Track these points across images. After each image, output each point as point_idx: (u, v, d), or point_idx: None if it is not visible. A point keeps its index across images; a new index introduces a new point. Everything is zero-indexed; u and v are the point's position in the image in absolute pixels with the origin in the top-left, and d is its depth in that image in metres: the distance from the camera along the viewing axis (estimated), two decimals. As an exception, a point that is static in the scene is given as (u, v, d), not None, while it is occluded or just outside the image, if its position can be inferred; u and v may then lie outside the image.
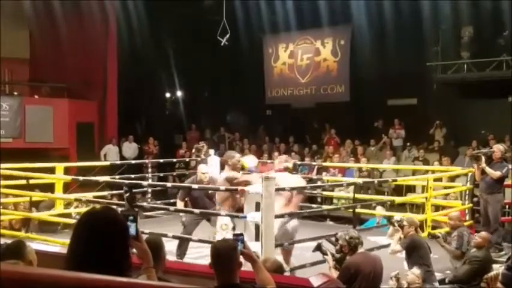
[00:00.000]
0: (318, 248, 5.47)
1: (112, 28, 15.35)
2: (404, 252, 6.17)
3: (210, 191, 7.02)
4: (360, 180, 9.36)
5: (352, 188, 9.44)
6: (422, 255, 5.95)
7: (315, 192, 10.78)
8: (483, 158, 8.23)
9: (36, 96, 15.30)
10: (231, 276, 2.91)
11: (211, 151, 11.43)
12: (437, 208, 9.79)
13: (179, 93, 18.88)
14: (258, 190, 5.16)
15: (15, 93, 15.11)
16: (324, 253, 5.42)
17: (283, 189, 5.52)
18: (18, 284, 1.08)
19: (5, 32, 15.36)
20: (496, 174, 8.01)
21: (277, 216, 5.27)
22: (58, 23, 14.44)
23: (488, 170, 8.09)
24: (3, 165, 8.34)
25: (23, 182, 8.09)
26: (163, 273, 3.30)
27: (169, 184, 10.62)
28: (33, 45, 15.79)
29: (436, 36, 14.11)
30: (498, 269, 6.84)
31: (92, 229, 1.99)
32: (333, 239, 5.43)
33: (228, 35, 9.12)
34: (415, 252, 5.90)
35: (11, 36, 15.32)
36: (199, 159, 11.37)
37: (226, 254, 2.95)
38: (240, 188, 5.63)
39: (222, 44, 9.34)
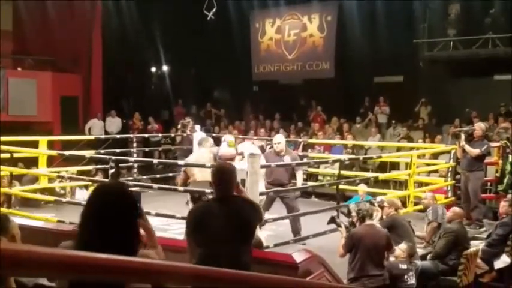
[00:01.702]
0: (332, 220, 5.79)
1: (97, 1, 15.08)
2: None
3: None
4: (345, 157, 9.39)
5: (337, 165, 9.50)
6: (401, 234, 6.04)
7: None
8: (463, 136, 8.33)
9: (19, 69, 15.07)
10: (231, 189, 3.44)
11: (197, 127, 11.44)
12: (420, 185, 9.92)
13: (165, 69, 18.71)
14: (243, 167, 5.17)
15: (-1, 65, 14.85)
16: (338, 225, 5.71)
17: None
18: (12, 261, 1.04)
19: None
20: (475, 152, 8.10)
21: (261, 194, 5.30)
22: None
23: (467, 148, 8.19)
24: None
25: (7, 155, 8.00)
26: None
27: (155, 160, 10.60)
28: (16, 17, 15.46)
29: (424, 13, 14.06)
30: (478, 245, 7.02)
31: (105, 201, 2.00)
32: (346, 210, 5.86)
33: (214, 9, 9.00)
34: (394, 231, 5.99)
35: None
36: (185, 134, 11.39)
37: (229, 171, 3.48)
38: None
39: (209, 18, 9.22)
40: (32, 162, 9.33)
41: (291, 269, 3.41)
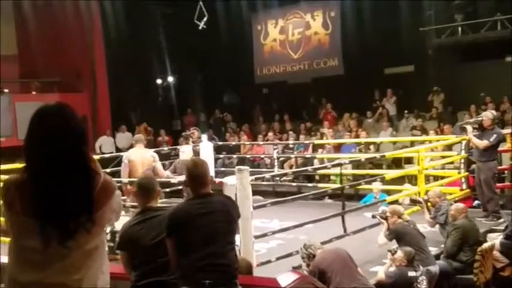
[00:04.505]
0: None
1: (96, 18, 15.11)
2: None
3: None
4: (348, 159, 9.09)
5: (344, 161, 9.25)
6: (409, 241, 5.79)
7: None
8: (469, 128, 8.06)
9: (33, 93, 15.16)
10: (207, 185, 3.37)
11: (204, 136, 11.23)
12: (435, 178, 9.61)
13: (172, 79, 18.64)
14: (231, 182, 5.00)
15: (6, 90, 14.96)
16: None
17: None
18: None
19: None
20: (482, 143, 7.80)
21: (255, 208, 5.10)
22: (43, 17, 14.24)
23: (474, 140, 7.92)
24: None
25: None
26: None
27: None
28: (20, 41, 15.58)
29: (429, 0, 13.74)
30: (496, 238, 6.71)
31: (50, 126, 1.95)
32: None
33: (205, 18, 8.87)
34: (401, 241, 5.77)
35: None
36: (191, 145, 11.19)
37: (202, 166, 3.42)
38: (217, 180, 5.47)
39: (200, 27, 9.09)
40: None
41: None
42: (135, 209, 5.27)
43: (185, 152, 7.99)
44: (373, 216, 6.34)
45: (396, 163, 11.79)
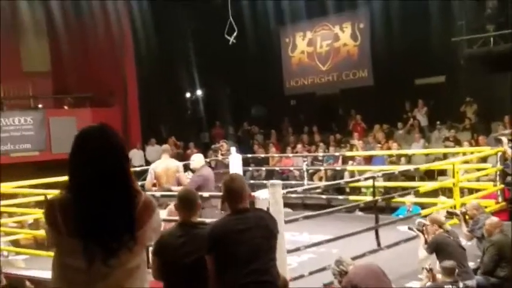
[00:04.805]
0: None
1: (127, 34, 15.37)
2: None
3: None
4: (381, 172, 8.96)
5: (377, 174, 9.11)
6: (450, 253, 5.62)
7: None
8: (504, 140, 7.91)
9: (66, 108, 15.46)
10: (245, 200, 3.37)
11: (233, 149, 11.26)
12: (470, 191, 9.40)
13: (199, 92, 18.81)
14: (264, 196, 4.98)
15: (40, 106, 15.31)
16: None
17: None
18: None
19: (26, 47, 15.64)
20: None
21: (287, 222, 5.06)
22: (75, 34, 14.55)
23: (509, 152, 7.75)
24: (25, 182, 8.40)
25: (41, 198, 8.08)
26: None
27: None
28: (53, 58, 15.95)
29: (460, 10, 13.58)
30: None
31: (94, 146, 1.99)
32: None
33: (235, 33, 8.93)
34: (441, 253, 5.61)
35: (32, 50, 15.56)
36: (219, 158, 11.24)
37: (240, 181, 3.43)
38: (250, 193, 5.44)
39: (230, 42, 9.15)
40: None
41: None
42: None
43: (195, 160, 8.00)
44: (410, 229, 6.19)
45: (429, 175, 11.58)
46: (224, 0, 14.67)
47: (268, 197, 5.01)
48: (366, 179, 7.92)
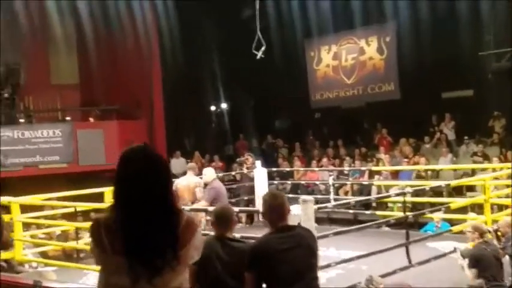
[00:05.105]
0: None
1: (155, 48, 15.53)
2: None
3: None
4: (410, 188, 8.86)
5: (407, 190, 9.01)
6: (484, 267, 5.52)
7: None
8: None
9: (91, 120, 15.67)
10: (286, 218, 3.35)
11: (258, 162, 11.25)
12: (499, 207, 9.21)
13: (224, 105, 18.90)
14: (296, 212, 4.96)
15: (68, 118, 15.54)
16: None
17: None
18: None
19: (56, 60, 15.96)
20: None
21: (318, 238, 5.01)
22: (103, 47, 14.78)
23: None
24: (55, 194, 8.51)
25: (71, 210, 8.18)
26: None
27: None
28: (81, 70, 16.21)
29: (488, 24, 13.45)
30: None
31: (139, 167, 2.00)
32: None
33: (263, 48, 8.95)
34: (479, 265, 5.50)
35: (61, 63, 15.85)
36: (245, 171, 11.23)
37: (281, 198, 3.41)
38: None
39: (258, 57, 9.17)
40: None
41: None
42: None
43: (207, 174, 8.05)
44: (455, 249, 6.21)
45: (457, 191, 11.40)
46: (251, 14, 14.91)
47: (300, 213, 4.98)
48: (397, 194, 7.81)
